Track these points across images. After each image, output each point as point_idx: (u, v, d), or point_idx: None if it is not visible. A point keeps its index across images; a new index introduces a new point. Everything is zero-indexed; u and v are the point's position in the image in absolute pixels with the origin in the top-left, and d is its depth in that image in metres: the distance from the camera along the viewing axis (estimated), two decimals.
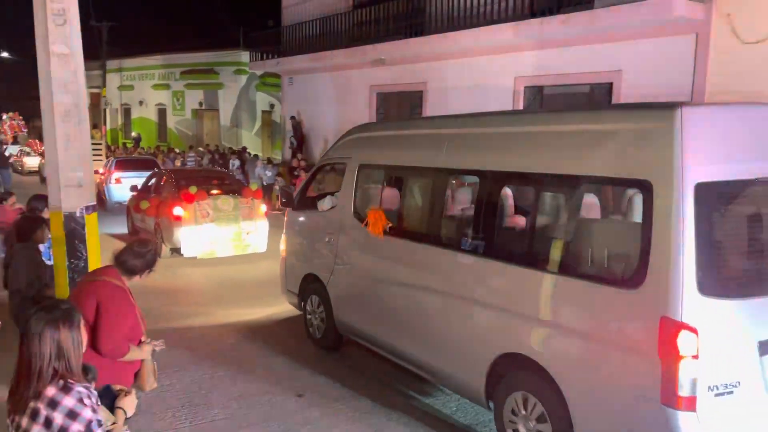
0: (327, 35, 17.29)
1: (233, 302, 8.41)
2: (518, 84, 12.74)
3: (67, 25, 4.70)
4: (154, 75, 33.88)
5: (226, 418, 5.06)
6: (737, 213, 3.72)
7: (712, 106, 3.92)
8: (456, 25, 13.24)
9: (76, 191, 4.81)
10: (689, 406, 3.30)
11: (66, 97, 4.72)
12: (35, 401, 2.44)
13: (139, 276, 3.68)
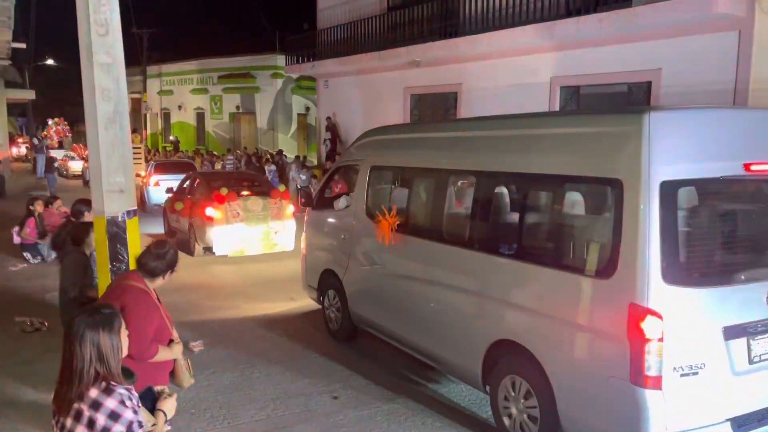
0: (362, 38, 17.36)
1: (260, 297, 8.79)
2: (554, 84, 12.59)
3: (109, 35, 4.83)
4: (193, 80, 34.51)
5: (263, 419, 5.12)
6: (702, 209, 4.02)
7: (680, 110, 4.20)
8: (491, 26, 13.15)
9: (118, 196, 4.93)
10: (655, 385, 3.62)
11: (108, 104, 4.85)
12: (79, 402, 2.50)
13: (162, 277, 3.70)
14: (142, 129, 38.01)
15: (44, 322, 6.64)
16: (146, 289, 3.60)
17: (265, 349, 6.72)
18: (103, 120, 4.86)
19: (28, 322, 6.59)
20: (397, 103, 17.02)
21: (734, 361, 3.85)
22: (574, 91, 12.50)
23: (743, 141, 4.05)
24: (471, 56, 14.11)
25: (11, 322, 6.78)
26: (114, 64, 4.89)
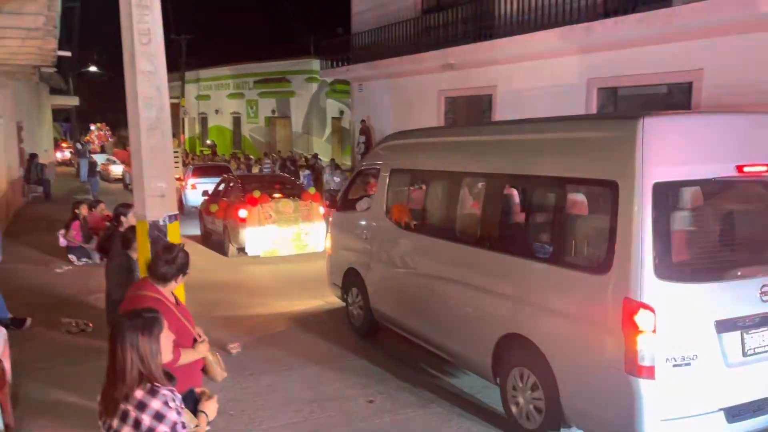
0: (396, 41, 17.40)
1: (290, 295, 9.13)
2: (591, 86, 12.41)
3: (151, 44, 4.94)
4: (229, 84, 35.08)
5: (301, 422, 5.18)
6: (693, 208, 4.22)
7: (674, 115, 4.42)
8: (526, 28, 13.04)
9: (160, 201, 5.03)
10: (649, 374, 3.82)
11: (150, 112, 4.96)
12: (125, 403, 2.57)
13: (175, 281, 3.66)
14: (180, 133, 38.75)
15: (89, 323, 6.82)
16: (159, 297, 3.57)
17: (301, 350, 6.79)
18: (146, 127, 4.97)
19: (73, 323, 6.79)
20: (431, 106, 17.00)
21: (727, 354, 4.01)
22: (612, 92, 12.30)
23: (736, 144, 4.23)
24: (506, 58, 14.01)
25: (58, 323, 6.99)
26: (156, 72, 5.00)
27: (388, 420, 5.19)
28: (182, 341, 3.58)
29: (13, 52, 10.20)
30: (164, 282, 3.62)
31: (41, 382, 5.50)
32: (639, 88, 11.78)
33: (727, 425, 4.00)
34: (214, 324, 7.49)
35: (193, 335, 3.73)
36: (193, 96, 37.84)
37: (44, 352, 6.26)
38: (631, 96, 12.05)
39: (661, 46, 10.78)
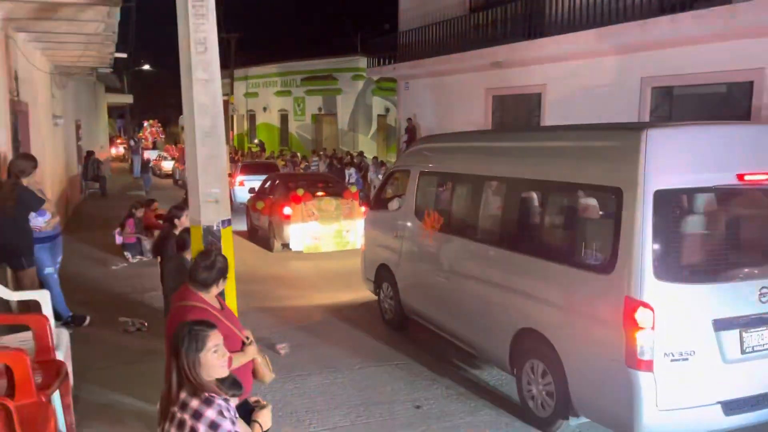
0: (443, 39, 17.30)
1: (328, 288, 9.63)
2: (644, 85, 12.09)
3: (207, 52, 5.06)
4: (277, 82, 35.48)
5: (347, 426, 5.22)
6: (693, 214, 4.53)
7: (676, 127, 4.71)
8: (578, 26, 12.78)
9: (214, 207, 5.16)
10: (647, 368, 4.11)
11: (206, 119, 5.08)
12: (181, 412, 2.65)
13: (215, 286, 3.66)
14: (229, 130, 39.45)
15: (144, 323, 7.02)
16: (203, 306, 3.57)
17: (345, 349, 6.90)
18: (201, 134, 5.09)
19: (130, 322, 6.99)
20: (478, 105, 16.85)
21: (725, 351, 4.26)
22: (667, 92, 11.96)
23: (737, 154, 4.48)
24: (556, 56, 13.76)
25: (115, 322, 7.21)
26: (211, 80, 5.12)
27: (435, 427, 5.19)
28: (230, 346, 3.56)
29: (75, 57, 10.61)
30: (205, 288, 3.62)
31: (99, 382, 5.62)
32: (696, 87, 11.42)
33: (724, 418, 4.24)
34: (257, 314, 7.86)
35: (241, 339, 3.75)
36: (241, 93, 38.46)
37: (102, 352, 6.43)
38: (688, 96, 11.68)
39: (719, 44, 10.40)
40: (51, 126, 12.18)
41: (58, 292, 6.81)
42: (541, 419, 5.05)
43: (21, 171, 6.21)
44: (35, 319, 4.07)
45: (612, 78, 12.68)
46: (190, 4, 5.00)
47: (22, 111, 8.48)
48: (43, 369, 3.76)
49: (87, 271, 9.71)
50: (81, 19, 7.23)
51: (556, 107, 14.28)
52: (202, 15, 5.02)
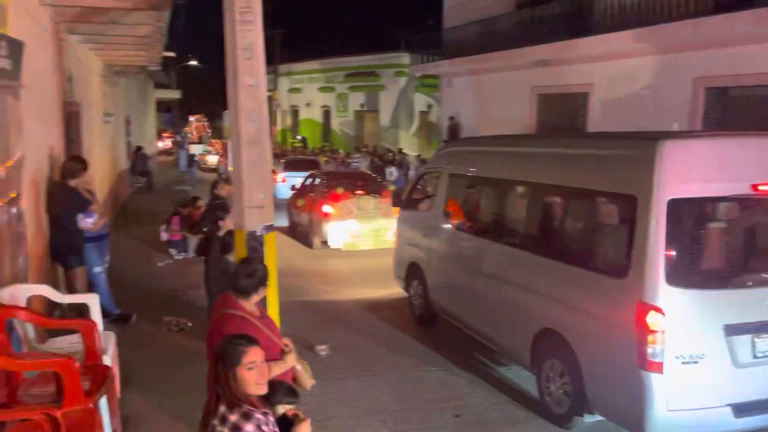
0: (488, 36, 17.09)
1: (363, 285, 9.90)
2: (698, 85, 11.70)
3: (253, 59, 5.09)
4: (320, 78, 35.69)
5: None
6: (705, 222, 4.66)
7: (692, 139, 4.93)
8: (627, 23, 12.45)
9: (258, 212, 5.19)
10: (658, 369, 4.26)
11: (252, 125, 5.11)
12: (221, 425, 2.69)
13: (256, 294, 3.65)
14: (272, 125, 39.86)
15: (188, 323, 7.13)
16: (243, 315, 3.57)
17: (385, 353, 6.91)
18: (246, 140, 5.13)
19: (174, 322, 7.11)
20: (522, 104, 16.61)
21: (737, 355, 4.38)
22: (721, 92, 11.55)
23: (752, 164, 4.59)
24: (604, 55, 13.44)
25: (159, 321, 7.34)
26: (257, 86, 5.14)
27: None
28: (270, 354, 3.56)
29: (127, 57, 10.89)
30: (246, 296, 3.62)
31: (143, 385, 5.63)
32: (753, 88, 10.99)
33: (734, 420, 4.36)
34: (294, 307, 8.03)
35: (280, 346, 3.75)
36: (285, 89, 38.84)
37: (146, 353, 6.49)
38: (743, 97, 11.26)
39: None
40: (102, 123, 12.52)
41: (106, 290, 6.99)
42: (558, 415, 5.26)
43: (70, 173, 6.38)
44: (84, 324, 4.17)
45: (662, 78, 12.32)
46: (237, 11, 5.04)
47: (75, 111, 8.73)
48: (91, 373, 3.85)
49: (133, 268, 9.92)
50: (131, 23, 7.39)
51: (603, 107, 13.96)
52: (249, 21, 5.05)
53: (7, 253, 4.62)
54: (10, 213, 4.80)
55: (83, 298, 5.21)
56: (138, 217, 14.77)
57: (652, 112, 12.53)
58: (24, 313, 4.13)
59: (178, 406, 5.21)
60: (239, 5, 5.03)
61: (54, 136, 7.12)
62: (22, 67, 5.02)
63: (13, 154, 4.94)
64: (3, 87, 4.62)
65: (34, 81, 5.91)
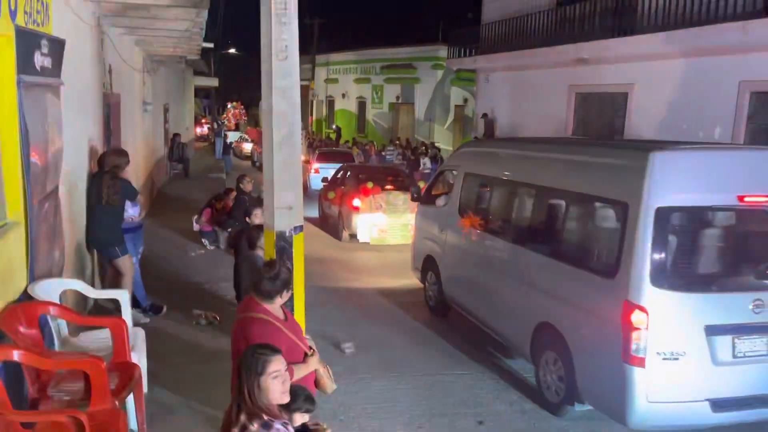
0: (528, 33, 16.84)
1: (385, 275, 10.39)
2: (743, 89, 11.34)
3: (287, 60, 5.10)
4: (357, 69, 35.65)
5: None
6: (692, 230, 4.97)
7: (681, 151, 5.08)
8: (671, 24, 12.12)
9: (287, 213, 5.22)
10: (640, 364, 4.61)
11: (284, 127, 5.13)
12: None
13: (279, 297, 3.66)
14: (309, 115, 40.09)
15: (216, 317, 7.23)
16: (267, 318, 3.58)
17: (412, 353, 6.95)
18: (278, 141, 5.16)
19: (203, 315, 7.21)
20: (560, 102, 16.34)
21: (717, 354, 4.69)
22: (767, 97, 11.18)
23: (738, 176, 4.92)
24: (646, 55, 13.12)
25: (188, 313, 7.42)
26: (291, 88, 5.16)
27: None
28: (293, 357, 3.62)
29: (167, 49, 11.05)
30: (269, 299, 3.63)
31: (169, 381, 5.63)
32: None
33: (712, 414, 4.69)
34: (316, 292, 8.32)
35: (304, 350, 3.77)
36: (322, 79, 38.94)
37: (174, 347, 6.52)
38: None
39: None
40: (141, 113, 12.73)
41: (139, 280, 7.13)
42: (553, 404, 5.63)
43: (116, 166, 6.51)
44: (114, 322, 4.26)
45: (706, 81, 11.97)
46: (273, 12, 5.05)
47: (115, 102, 8.89)
48: (119, 370, 3.94)
49: (167, 257, 10.09)
50: (171, 18, 7.49)
51: (643, 108, 13.65)
52: (285, 23, 5.05)
53: (44, 247, 4.74)
54: (48, 206, 4.92)
55: (114, 294, 5.32)
56: (174, 204, 15.01)
57: (694, 116, 12.20)
58: (57, 309, 4.24)
59: (203, 403, 5.27)
60: (276, 7, 5.03)
61: (93, 129, 7.27)
62: (63, 64, 5.12)
63: (53, 148, 5.06)
64: (44, 85, 4.72)
65: (75, 74, 6.03)
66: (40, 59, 4.49)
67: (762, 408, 4.83)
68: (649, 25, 12.78)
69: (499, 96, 19.31)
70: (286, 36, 5.08)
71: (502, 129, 18.88)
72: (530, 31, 16.72)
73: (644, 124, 13.56)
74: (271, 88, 5.12)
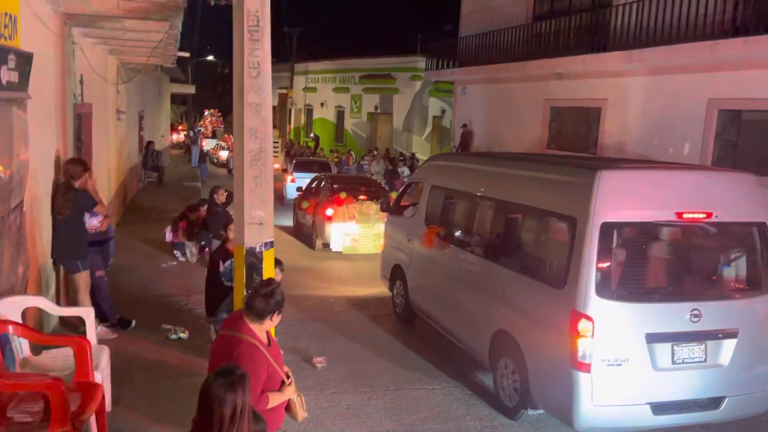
0: (504, 46, 17.01)
1: (354, 284, 10.57)
2: (711, 107, 11.59)
3: (260, 77, 5.09)
4: (336, 78, 35.66)
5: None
6: (634, 244, 5.28)
7: (626, 170, 5.56)
8: (644, 41, 12.35)
9: (258, 229, 5.20)
10: (586, 369, 4.87)
11: (255, 143, 5.12)
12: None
13: (270, 319, 3.58)
14: (287, 123, 39.97)
15: (185, 330, 7.14)
16: (254, 342, 3.50)
17: (381, 366, 6.97)
18: (249, 157, 5.14)
19: (172, 330, 7.12)
20: (535, 115, 16.52)
21: (657, 360, 4.98)
22: (735, 115, 11.43)
23: (678, 194, 5.26)
24: (620, 71, 13.35)
25: (158, 326, 7.30)
26: (262, 104, 5.15)
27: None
28: (271, 385, 3.57)
29: (141, 59, 10.96)
30: (260, 319, 3.53)
31: (136, 396, 5.54)
32: (766, 113, 10.88)
33: (652, 416, 5.00)
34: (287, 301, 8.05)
35: (282, 377, 3.70)
36: (300, 88, 38.86)
37: (141, 363, 6.39)
38: (758, 122, 11.14)
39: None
40: (114, 122, 12.59)
41: (107, 294, 7.02)
42: (509, 408, 5.89)
43: (71, 175, 6.43)
44: (76, 341, 4.18)
45: (677, 98, 12.21)
46: (246, 28, 5.05)
47: (86, 112, 8.78)
48: (81, 391, 3.87)
49: (138, 268, 9.96)
50: (144, 30, 7.43)
51: (616, 122, 13.86)
52: (257, 40, 5.06)
53: (6, 263, 4.65)
54: (13, 221, 4.84)
55: (78, 312, 5.23)
56: (147, 214, 14.84)
57: (664, 132, 12.43)
58: (18, 327, 4.15)
59: (170, 422, 5.17)
60: (248, 23, 5.03)
61: (61, 140, 7.16)
62: (31, 78, 5.05)
63: (18, 162, 4.98)
64: (9, 99, 4.65)
65: (43, 86, 5.95)
66: (6, 74, 4.42)
67: (699, 411, 5.15)
68: (621, 42, 13.00)
69: (476, 108, 19.47)
70: (258, 53, 5.08)
71: (479, 140, 19.02)
72: (506, 45, 16.90)
73: (617, 139, 13.78)
74: (242, 104, 5.11)
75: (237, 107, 5.15)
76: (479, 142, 18.95)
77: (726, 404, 5.18)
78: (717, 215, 5.21)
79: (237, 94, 5.14)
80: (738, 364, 5.17)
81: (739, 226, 5.50)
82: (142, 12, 5.85)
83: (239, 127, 5.20)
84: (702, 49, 10.82)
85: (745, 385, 5.26)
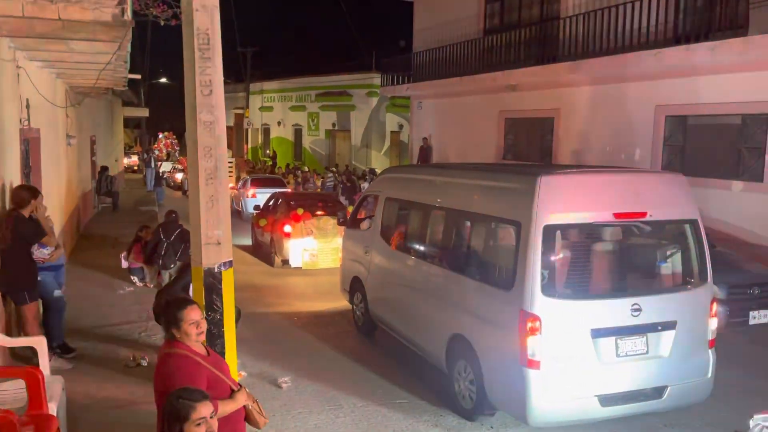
0: (457, 60, 17.28)
1: (314, 299, 10.66)
2: (659, 113, 11.99)
3: (212, 95, 5.03)
4: (292, 97, 35.64)
5: None
6: (576, 244, 5.55)
7: (565, 174, 5.70)
8: (591, 52, 12.70)
9: (216, 248, 5.11)
10: (535, 366, 5.09)
11: (210, 161, 5.05)
12: None
13: (184, 331, 3.56)
14: (244, 143, 39.68)
15: (145, 357, 6.95)
16: (185, 353, 3.51)
17: (347, 383, 6.89)
18: (204, 175, 5.06)
19: (131, 357, 6.92)
20: (491, 127, 16.80)
21: (601, 354, 5.22)
22: (681, 121, 11.84)
23: (614, 196, 5.47)
24: (570, 81, 13.70)
25: (115, 354, 7.09)
26: (216, 122, 5.09)
27: None
28: (218, 393, 3.52)
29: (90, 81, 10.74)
30: (187, 336, 3.55)
31: (92, 429, 5.41)
32: (711, 117, 11.30)
33: (600, 408, 5.21)
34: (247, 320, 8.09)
35: (229, 385, 3.66)
36: (257, 107, 38.68)
37: (98, 392, 6.19)
38: (702, 126, 11.56)
39: (736, 74, 10.30)
40: (65, 146, 12.26)
41: (62, 315, 6.78)
42: (467, 410, 6.01)
43: (18, 202, 6.17)
44: (28, 372, 4.02)
45: (626, 105, 12.59)
46: (197, 47, 5.00)
47: (34, 137, 8.53)
48: (35, 423, 3.72)
49: (93, 296, 9.67)
50: (92, 52, 7.29)
51: (569, 132, 14.19)
52: (208, 58, 5.01)
53: None
54: None
55: (30, 342, 5.03)
56: (101, 241, 14.45)
57: (616, 139, 12.78)
58: None
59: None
60: (199, 42, 4.98)
61: (9, 167, 6.93)
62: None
63: None
64: None
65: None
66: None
67: (644, 401, 5.37)
68: (569, 53, 13.35)
69: (433, 122, 19.69)
70: (210, 71, 5.03)
71: (437, 154, 19.21)
72: (459, 59, 17.17)
73: (571, 147, 14.10)
74: (195, 123, 5.05)
75: (190, 125, 5.08)
76: (437, 156, 19.14)
77: (669, 393, 5.40)
78: (651, 214, 5.46)
79: (189, 113, 5.07)
80: (677, 354, 5.42)
81: (673, 224, 5.78)
82: (88, 32, 5.73)
83: (193, 145, 5.12)
84: (647, 57, 11.20)
85: (686, 374, 5.50)
